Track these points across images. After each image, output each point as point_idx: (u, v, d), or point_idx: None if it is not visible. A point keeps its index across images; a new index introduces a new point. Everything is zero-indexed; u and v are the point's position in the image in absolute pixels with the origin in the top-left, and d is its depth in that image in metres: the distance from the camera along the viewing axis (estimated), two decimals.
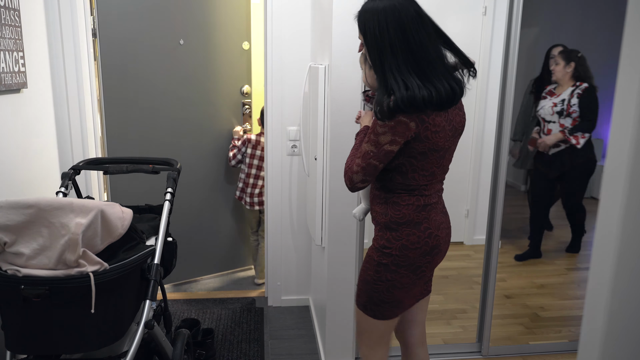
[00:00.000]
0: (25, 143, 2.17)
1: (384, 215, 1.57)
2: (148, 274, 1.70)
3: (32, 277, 1.44)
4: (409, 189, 1.53)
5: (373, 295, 1.60)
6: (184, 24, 3.08)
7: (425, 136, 1.43)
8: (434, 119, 1.43)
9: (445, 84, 1.41)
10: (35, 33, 2.31)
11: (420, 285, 1.64)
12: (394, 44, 1.40)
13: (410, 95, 1.37)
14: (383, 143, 1.44)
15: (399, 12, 1.40)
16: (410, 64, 1.40)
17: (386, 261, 1.55)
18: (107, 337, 1.56)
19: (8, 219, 1.46)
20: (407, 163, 1.49)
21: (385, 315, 1.63)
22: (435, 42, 1.45)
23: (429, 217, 1.55)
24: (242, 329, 2.83)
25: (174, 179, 2.02)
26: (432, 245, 1.55)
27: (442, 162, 1.54)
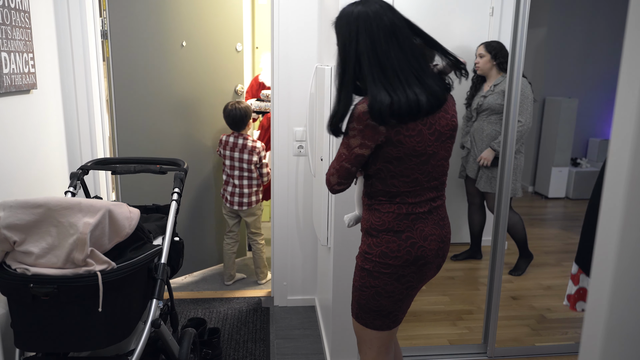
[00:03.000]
0: (35, 143, 2.19)
1: (366, 221, 1.57)
2: (155, 273, 1.72)
3: (40, 275, 1.46)
4: (390, 196, 1.51)
5: (361, 302, 1.59)
6: (185, 26, 3.15)
7: (397, 140, 1.42)
8: (406, 123, 1.42)
9: (410, 93, 1.39)
10: (45, 34, 2.34)
11: (412, 297, 1.62)
12: (362, 52, 1.42)
13: (372, 104, 1.39)
14: (353, 146, 1.45)
15: (371, 20, 1.41)
16: (380, 77, 1.41)
17: (368, 267, 1.55)
18: (115, 336, 1.58)
19: (17, 218, 1.48)
20: (385, 169, 1.48)
21: (376, 325, 1.60)
22: (408, 52, 1.43)
23: (413, 227, 1.51)
24: (248, 328, 2.84)
25: (181, 179, 2.03)
26: (416, 256, 1.51)
27: (426, 169, 1.49)
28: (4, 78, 1.86)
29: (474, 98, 3.31)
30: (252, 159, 3.20)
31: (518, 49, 2.30)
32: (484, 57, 3.19)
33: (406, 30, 1.45)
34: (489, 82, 3.22)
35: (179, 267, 2.00)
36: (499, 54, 3.16)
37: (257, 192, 3.30)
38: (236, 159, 3.21)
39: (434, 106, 1.44)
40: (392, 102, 1.38)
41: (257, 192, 3.30)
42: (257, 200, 3.30)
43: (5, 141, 1.93)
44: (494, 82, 3.13)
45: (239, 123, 3.18)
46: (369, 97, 1.41)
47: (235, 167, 3.23)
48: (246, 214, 3.32)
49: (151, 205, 2.16)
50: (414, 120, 1.42)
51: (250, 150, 3.19)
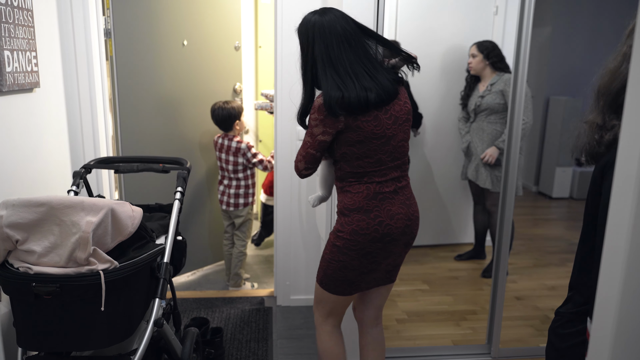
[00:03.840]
0: (38, 142, 2.19)
1: (339, 202, 1.74)
2: (158, 273, 1.71)
3: (43, 274, 1.45)
4: (358, 176, 1.68)
5: (328, 272, 1.76)
6: (186, 25, 3.16)
7: (356, 126, 1.61)
8: (357, 114, 1.61)
9: (360, 90, 1.59)
10: (47, 33, 2.33)
11: (379, 271, 1.78)
12: (317, 56, 1.64)
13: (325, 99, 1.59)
14: (316, 134, 1.64)
15: (325, 28, 1.62)
16: (333, 76, 1.61)
17: (339, 243, 1.70)
18: (117, 335, 1.57)
19: (20, 217, 1.47)
20: (349, 152, 1.66)
21: (337, 291, 1.78)
22: (361, 53, 1.64)
23: (381, 206, 1.68)
24: (251, 328, 2.83)
25: (184, 178, 2.03)
26: (383, 233, 1.68)
27: (388, 149, 1.66)
28: (7, 77, 1.86)
29: (470, 98, 3.29)
30: (238, 160, 3.19)
31: (523, 48, 2.29)
32: (477, 57, 3.18)
33: (359, 35, 1.66)
34: (484, 82, 3.20)
35: (182, 266, 1.99)
36: (492, 53, 3.15)
37: (246, 195, 3.27)
38: (223, 160, 3.21)
39: (384, 99, 1.63)
40: (342, 97, 1.58)
41: (247, 195, 3.27)
42: (245, 203, 3.27)
43: (8, 140, 1.92)
44: (490, 81, 3.12)
45: (224, 123, 3.17)
46: (323, 94, 1.61)
47: (224, 168, 3.23)
48: (234, 215, 3.31)
49: (154, 204, 2.15)
50: (364, 112, 1.61)
51: (235, 151, 3.17)
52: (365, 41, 1.67)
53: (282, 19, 2.78)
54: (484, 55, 3.15)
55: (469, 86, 3.31)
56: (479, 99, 3.20)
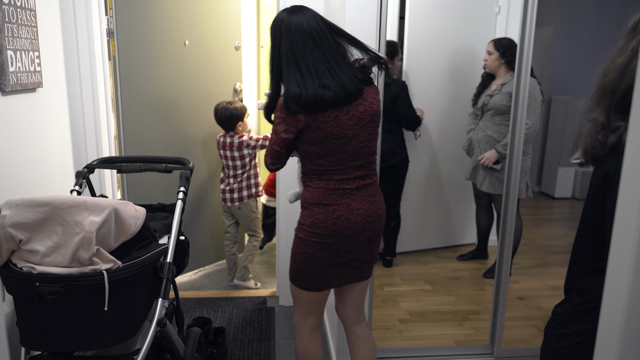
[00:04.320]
0: (40, 141, 2.19)
1: (302, 196, 1.79)
2: (161, 273, 1.71)
3: (46, 274, 1.45)
4: (318, 174, 1.72)
5: (295, 266, 1.80)
6: (187, 25, 3.17)
7: (315, 126, 1.65)
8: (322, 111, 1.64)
9: (318, 88, 1.61)
10: (50, 33, 2.33)
11: (345, 267, 1.79)
12: (283, 54, 1.67)
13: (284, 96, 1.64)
14: (279, 131, 1.69)
15: (292, 26, 1.66)
16: (294, 72, 1.64)
17: (301, 235, 1.75)
18: (120, 335, 1.57)
19: (23, 217, 1.47)
20: (310, 150, 1.70)
21: (307, 286, 1.81)
22: (326, 51, 1.66)
23: (340, 201, 1.71)
24: (254, 327, 2.83)
25: (186, 178, 2.02)
26: (342, 227, 1.71)
27: (348, 149, 1.69)
28: (10, 76, 1.86)
29: (480, 96, 3.25)
30: (244, 153, 3.20)
31: (526, 48, 2.28)
32: (492, 54, 3.11)
33: (326, 33, 1.68)
34: (497, 81, 3.15)
35: (185, 266, 1.99)
36: (508, 52, 3.07)
37: (248, 187, 3.27)
38: (229, 157, 3.22)
39: (342, 98, 1.64)
40: (300, 95, 1.61)
41: (249, 187, 3.28)
42: (249, 195, 3.28)
43: (11, 140, 1.92)
44: (502, 81, 3.07)
45: (226, 124, 3.18)
46: (284, 91, 1.66)
47: (230, 166, 3.23)
48: (240, 215, 3.30)
49: (157, 204, 2.15)
50: (322, 111, 1.63)
51: (239, 146, 3.18)
52: (335, 40, 1.70)
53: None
54: (500, 53, 3.08)
55: (483, 83, 3.26)
56: (487, 98, 3.16)
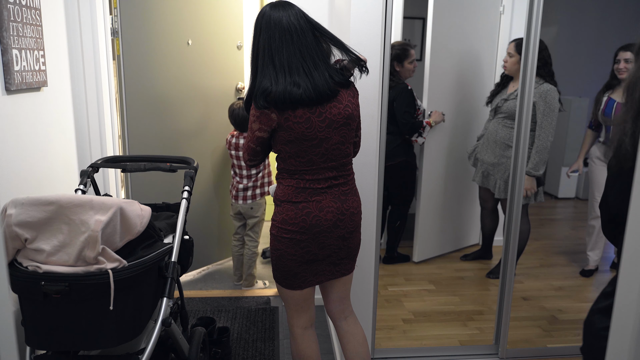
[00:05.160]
0: (45, 141, 2.19)
1: (274, 192, 1.81)
2: (165, 272, 1.71)
3: (52, 273, 1.45)
4: (290, 172, 1.74)
5: (273, 263, 1.83)
6: (190, 24, 3.17)
7: (287, 126, 1.65)
8: (294, 111, 1.64)
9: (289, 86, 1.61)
10: (55, 32, 2.33)
11: (320, 263, 1.80)
12: (261, 48, 1.67)
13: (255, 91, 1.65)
14: (254, 129, 1.71)
15: (272, 21, 1.66)
16: (269, 67, 1.65)
17: (274, 232, 1.78)
18: (125, 334, 1.57)
19: (29, 216, 1.47)
20: (283, 150, 1.71)
21: (287, 284, 1.83)
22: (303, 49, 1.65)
23: (310, 199, 1.73)
24: (257, 327, 2.83)
25: (191, 177, 2.02)
26: (311, 224, 1.72)
27: (319, 151, 1.70)
28: (14, 75, 1.86)
29: (495, 97, 3.18)
30: None
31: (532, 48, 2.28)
32: (513, 57, 3.00)
33: (307, 32, 1.67)
34: (514, 84, 3.08)
35: (189, 265, 1.99)
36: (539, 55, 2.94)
37: (262, 185, 3.26)
38: (240, 158, 3.21)
39: (312, 98, 1.63)
40: (270, 91, 1.61)
41: (263, 185, 3.26)
42: (261, 193, 3.26)
43: (16, 138, 1.92)
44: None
45: (242, 124, 3.15)
46: (256, 86, 1.66)
47: (242, 166, 3.22)
48: (249, 215, 3.28)
49: (161, 204, 2.15)
50: (292, 109, 1.63)
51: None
52: (316, 39, 1.69)
53: None
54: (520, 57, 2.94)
55: (500, 85, 3.19)
56: (502, 101, 3.09)
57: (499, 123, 3.11)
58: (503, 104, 3.08)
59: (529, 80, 2.32)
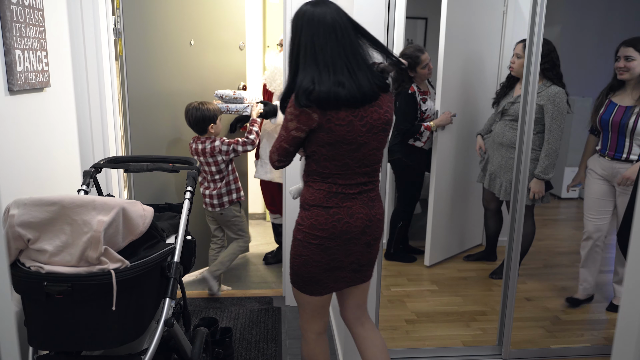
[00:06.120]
0: (48, 141, 2.19)
1: (302, 195, 1.75)
2: (168, 272, 1.71)
3: (54, 273, 1.45)
4: (323, 176, 1.68)
5: (294, 269, 1.77)
6: (193, 25, 3.17)
7: (328, 128, 1.58)
8: (337, 112, 1.57)
9: (333, 85, 1.54)
10: (58, 32, 2.34)
11: (343, 270, 1.75)
12: (302, 45, 1.60)
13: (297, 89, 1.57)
14: (290, 129, 1.62)
15: (314, 17, 1.59)
16: (311, 65, 1.58)
17: (299, 237, 1.72)
18: (128, 335, 1.57)
19: (32, 216, 1.47)
20: (318, 152, 1.64)
21: (307, 290, 1.78)
22: (347, 47, 1.59)
23: (341, 204, 1.67)
24: (260, 328, 2.83)
25: (193, 177, 2.02)
26: (341, 230, 1.67)
27: (357, 156, 1.64)
28: (17, 76, 1.86)
29: (502, 99, 3.14)
30: (217, 159, 3.02)
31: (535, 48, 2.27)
32: (521, 58, 2.88)
33: (349, 30, 1.61)
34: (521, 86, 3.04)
35: (192, 265, 1.98)
36: (545, 57, 2.79)
37: (229, 192, 3.11)
38: (204, 163, 3.06)
39: (358, 100, 1.57)
40: (313, 89, 1.55)
41: (230, 192, 3.11)
42: (230, 200, 3.11)
43: (19, 139, 1.92)
44: None
45: (197, 126, 2.99)
46: (297, 83, 1.59)
47: (207, 171, 3.09)
48: (222, 221, 3.18)
49: (163, 204, 2.15)
50: (335, 109, 1.56)
51: (211, 152, 3.00)
52: (357, 39, 1.63)
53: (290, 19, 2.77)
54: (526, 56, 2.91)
55: (506, 86, 3.12)
56: (508, 104, 3.05)
57: (506, 125, 3.07)
58: (510, 107, 3.03)
59: (532, 81, 2.31)
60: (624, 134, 2.64)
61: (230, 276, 3.52)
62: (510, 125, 3.05)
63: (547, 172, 2.92)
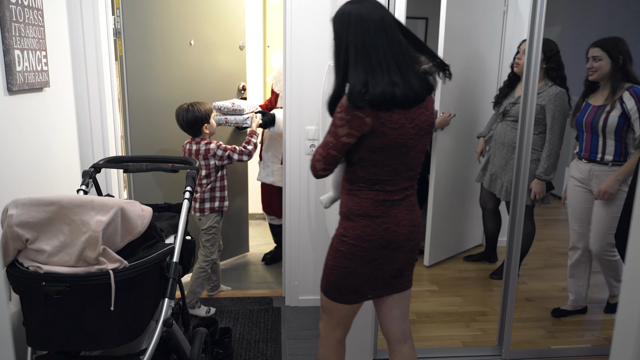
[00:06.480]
0: (47, 141, 2.19)
1: (345, 205, 1.66)
2: (167, 272, 1.70)
3: (53, 274, 1.45)
4: (370, 183, 1.60)
5: (332, 279, 1.70)
6: (193, 25, 3.17)
7: (382, 132, 1.51)
8: (390, 115, 1.50)
9: (388, 84, 1.48)
10: (57, 32, 2.34)
11: (384, 277, 1.70)
12: (351, 44, 1.52)
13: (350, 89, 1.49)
14: (340, 135, 1.53)
15: (362, 15, 1.52)
16: (363, 64, 1.50)
17: (343, 249, 1.64)
18: (126, 335, 1.57)
19: (30, 216, 1.47)
20: (368, 157, 1.56)
21: (343, 299, 1.71)
22: (396, 46, 1.52)
23: (388, 213, 1.61)
24: (260, 328, 2.82)
25: (193, 177, 2.02)
26: (389, 240, 1.62)
27: (406, 160, 1.59)
28: (17, 76, 1.86)
29: (503, 100, 3.11)
30: (210, 163, 2.89)
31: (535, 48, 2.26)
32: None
33: (396, 28, 1.55)
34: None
35: (191, 266, 1.98)
36: (553, 58, 2.82)
37: (212, 199, 2.94)
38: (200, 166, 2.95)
39: (411, 100, 1.52)
40: (367, 89, 1.47)
41: (213, 199, 2.94)
42: (211, 208, 2.94)
43: (18, 139, 1.92)
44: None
45: (191, 128, 2.87)
46: (349, 83, 1.51)
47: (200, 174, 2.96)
48: (199, 226, 3.01)
49: (163, 204, 2.15)
50: (388, 109, 1.50)
51: (205, 154, 2.88)
52: (403, 38, 1.56)
53: (291, 18, 2.77)
54: (545, 57, 2.83)
55: (508, 85, 3.10)
56: (510, 105, 3.03)
57: (508, 125, 3.06)
58: (512, 108, 3.02)
59: (532, 80, 2.31)
60: (597, 133, 2.62)
61: (230, 276, 3.52)
62: (512, 125, 3.04)
63: (549, 172, 2.92)
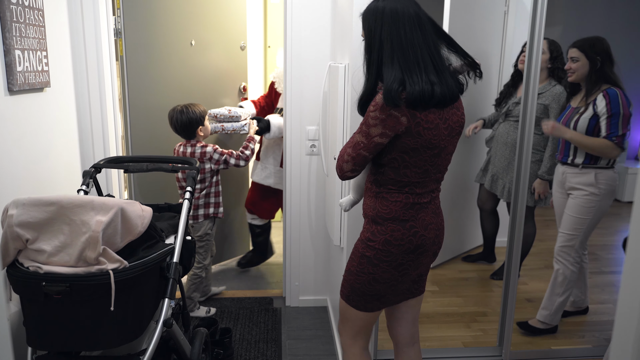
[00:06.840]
0: (48, 141, 2.19)
1: (372, 208, 1.60)
2: (167, 273, 1.70)
3: (53, 274, 1.45)
4: (400, 185, 1.55)
5: (355, 286, 1.63)
6: (194, 25, 3.17)
7: (417, 132, 1.46)
8: (426, 115, 1.46)
9: (425, 81, 1.43)
10: (58, 32, 2.34)
11: (406, 282, 1.66)
12: (386, 41, 1.46)
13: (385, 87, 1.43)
14: (373, 135, 1.47)
15: (397, 11, 1.46)
16: (400, 61, 1.45)
17: (369, 254, 1.58)
18: (126, 335, 1.57)
19: (30, 216, 1.47)
20: (400, 158, 1.51)
21: (367, 307, 1.66)
22: (431, 43, 1.48)
23: (417, 216, 1.56)
24: (260, 328, 2.82)
25: (193, 177, 2.02)
26: (417, 244, 1.57)
27: (437, 161, 1.55)
28: (17, 76, 1.86)
29: (505, 99, 3.09)
30: (205, 167, 2.83)
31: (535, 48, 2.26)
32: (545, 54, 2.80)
33: (429, 25, 1.49)
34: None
35: (191, 266, 1.98)
36: (559, 58, 2.75)
37: (206, 205, 2.88)
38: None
39: (447, 99, 1.48)
40: (405, 87, 1.42)
41: (207, 205, 2.88)
42: (205, 214, 2.87)
43: (19, 139, 1.93)
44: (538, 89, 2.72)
45: (185, 131, 2.80)
46: (384, 80, 1.45)
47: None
48: (192, 232, 2.92)
49: (163, 204, 2.15)
50: (425, 108, 1.45)
51: (200, 157, 2.81)
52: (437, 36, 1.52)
53: (291, 18, 2.77)
54: (552, 56, 2.78)
55: (511, 85, 3.06)
56: (513, 105, 3.00)
57: (510, 126, 3.04)
58: (514, 108, 3.00)
59: (533, 80, 2.30)
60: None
61: (230, 276, 3.52)
62: (515, 125, 3.02)
63: (551, 172, 2.91)
